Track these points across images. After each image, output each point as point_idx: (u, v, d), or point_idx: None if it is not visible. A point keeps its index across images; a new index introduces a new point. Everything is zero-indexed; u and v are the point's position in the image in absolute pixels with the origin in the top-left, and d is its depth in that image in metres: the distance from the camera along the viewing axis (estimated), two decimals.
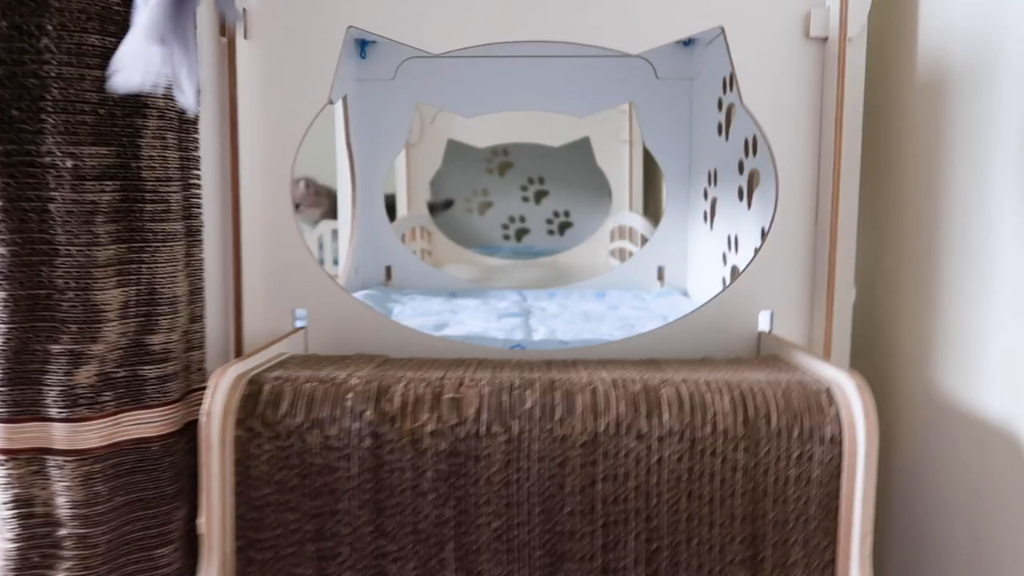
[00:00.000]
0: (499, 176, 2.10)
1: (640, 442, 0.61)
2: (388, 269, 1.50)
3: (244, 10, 0.79)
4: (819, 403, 0.62)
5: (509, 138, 2.02)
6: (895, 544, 0.84)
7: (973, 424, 0.71)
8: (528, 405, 0.62)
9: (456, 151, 1.94)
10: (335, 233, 1.91)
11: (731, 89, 1.11)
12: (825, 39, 0.78)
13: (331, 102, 1.21)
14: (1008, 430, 0.66)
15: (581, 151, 1.90)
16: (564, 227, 2.10)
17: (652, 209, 1.82)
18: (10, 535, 0.68)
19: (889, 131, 0.85)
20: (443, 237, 1.82)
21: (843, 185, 0.78)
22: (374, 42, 1.38)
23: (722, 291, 0.82)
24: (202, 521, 0.63)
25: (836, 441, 0.61)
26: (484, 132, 1.98)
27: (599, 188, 1.92)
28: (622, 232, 1.84)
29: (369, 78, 1.40)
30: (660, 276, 1.44)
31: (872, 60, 0.80)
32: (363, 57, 1.40)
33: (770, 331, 0.82)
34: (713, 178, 1.25)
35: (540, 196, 2.11)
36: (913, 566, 0.81)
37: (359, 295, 1.30)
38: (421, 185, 1.97)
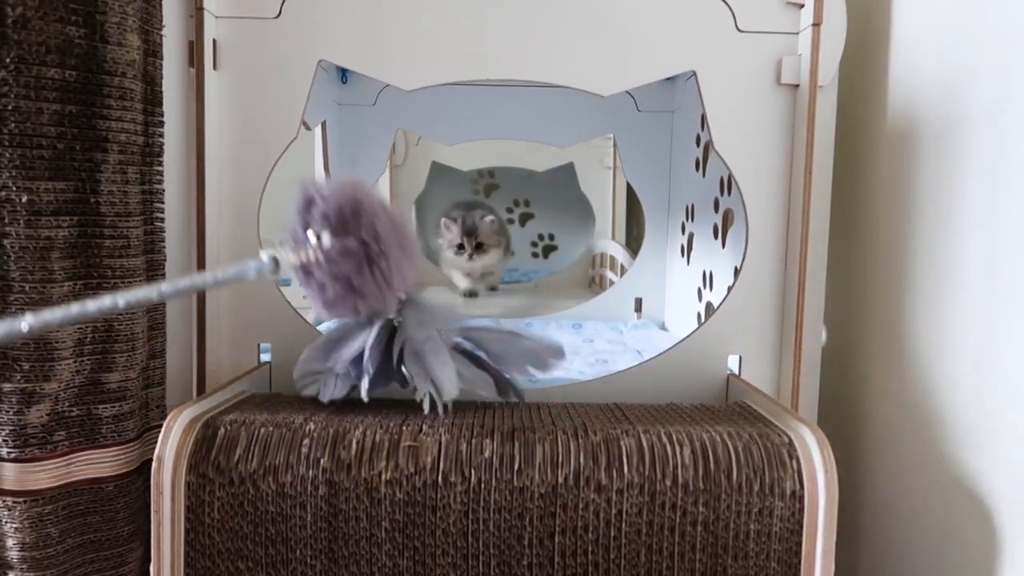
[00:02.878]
0: (485, 197, 2.09)
1: (600, 494, 0.60)
2: None
3: (215, 41, 0.78)
4: (780, 457, 0.61)
5: (493, 162, 2.02)
6: None
7: (940, 475, 0.70)
8: (487, 454, 0.61)
9: (440, 172, 1.93)
10: None
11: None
12: (796, 86, 0.78)
13: (308, 128, 1.20)
14: (973, 483, 0.66)
15: (565, 176, 1.90)
16: (548, 250, 2.09)
17: (636, 235, 1.81)
18: None
19: (859, 178, 0.85)
20: (424, 260, 1.80)
21: (812, 231, 0.77)
22: None
23: (691, 333, 0.82)
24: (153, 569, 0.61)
25: (797, 496, 0.60)
26: (468, 155, 1.97)
27: (583, 213, 1.92)
28: (603, 260, 1.83)
29: (350, 103, 1.40)
30: (638, 307, 1.44)
31: (843, 109, 0.79)
32: (344, 82, 1.39)
33: (739, 374, 0.81)
34: (691, 213, 1.25)
35: (525, 219, 2.10)
36: None
37: (331, 323, 1.28)
38: (406, 206, 1.95)
